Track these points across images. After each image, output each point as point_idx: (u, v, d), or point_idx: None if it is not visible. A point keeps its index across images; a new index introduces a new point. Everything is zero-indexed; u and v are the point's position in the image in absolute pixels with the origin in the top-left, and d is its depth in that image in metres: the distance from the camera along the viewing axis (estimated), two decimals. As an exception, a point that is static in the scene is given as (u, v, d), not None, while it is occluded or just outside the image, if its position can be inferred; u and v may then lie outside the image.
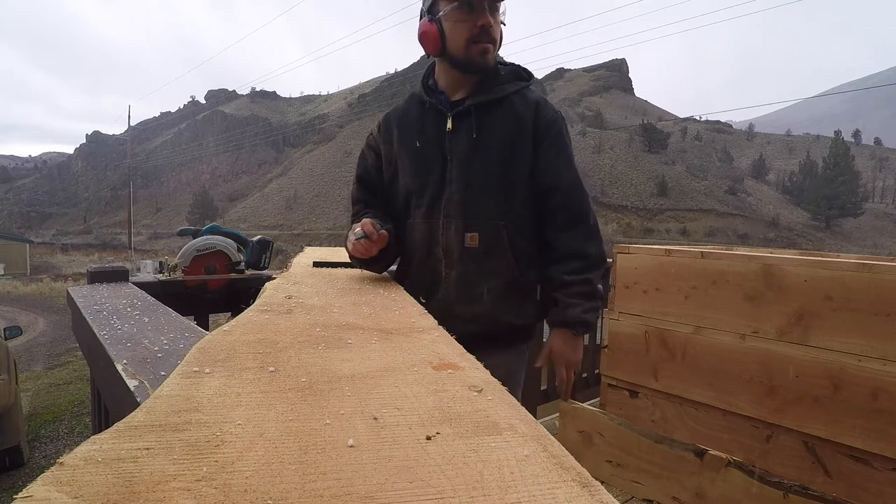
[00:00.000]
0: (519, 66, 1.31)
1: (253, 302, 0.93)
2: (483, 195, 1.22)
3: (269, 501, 0.36)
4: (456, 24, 1.19)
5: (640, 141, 74.80)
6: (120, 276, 1.70)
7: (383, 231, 1.19)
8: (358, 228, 1.19)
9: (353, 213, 1.38)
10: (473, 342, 0.80)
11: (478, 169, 1.21)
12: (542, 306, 1.31)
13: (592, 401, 2.71)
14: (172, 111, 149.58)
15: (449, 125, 1.24)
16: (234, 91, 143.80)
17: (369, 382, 0.58)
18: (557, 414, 2.12)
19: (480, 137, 1.22)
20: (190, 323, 1.12)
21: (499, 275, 1.23)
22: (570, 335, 1.25)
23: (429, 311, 1.02)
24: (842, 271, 1.56)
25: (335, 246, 2.03)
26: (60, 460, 0.39)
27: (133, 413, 0.47)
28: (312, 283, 1.11)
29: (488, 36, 1.18)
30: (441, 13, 1.19)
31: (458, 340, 0.83)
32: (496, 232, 1.22)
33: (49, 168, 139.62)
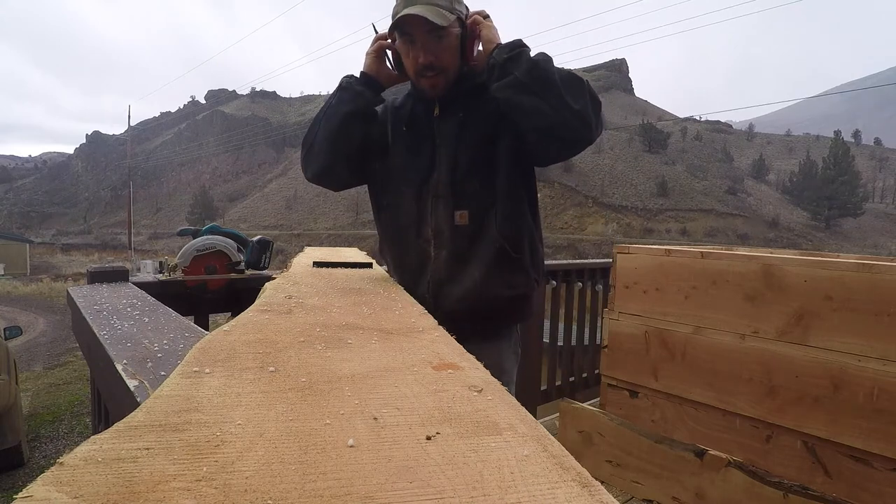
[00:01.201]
0: None
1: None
2: (471, 175, 1.25)
3: (269, 501, 0.36)
4: (405, 56, 1.25)
5: (640, 141, 74.81)
6: (120, 276, 1.70)
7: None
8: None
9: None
10: (464, 323, 0.79)
11: (465, 150, 1.25)
12: (536, 279, 1.32)
13: (592, 401, 2.71)
14: (172, 111, 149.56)
15: (436, 111, 1.28)
16: (234, 91, 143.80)
17: (369, 382, 0.58)
18: (557, 414, 2.13)
19: (467, 120, 1.26)
20: (190, 323, 1.12)
21: (489, 251, 1.24)
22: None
23: (418, 294, 1.02)
24: (842, 271, 1.56)
25: (335, 246, 2.02)
26: (60, 460, 0.39)
27: (133, 413, 0.47)
28: (312, 283, 1.11)
29: (433, 70, 1.22)
30: (396, 41, 1.26)
31: (449, 321, 0.82)
32: (486, 209, 1.24)
33: (49, 168, 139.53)
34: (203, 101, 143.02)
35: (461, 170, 1.25)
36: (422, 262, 1.28)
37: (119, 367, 0.78)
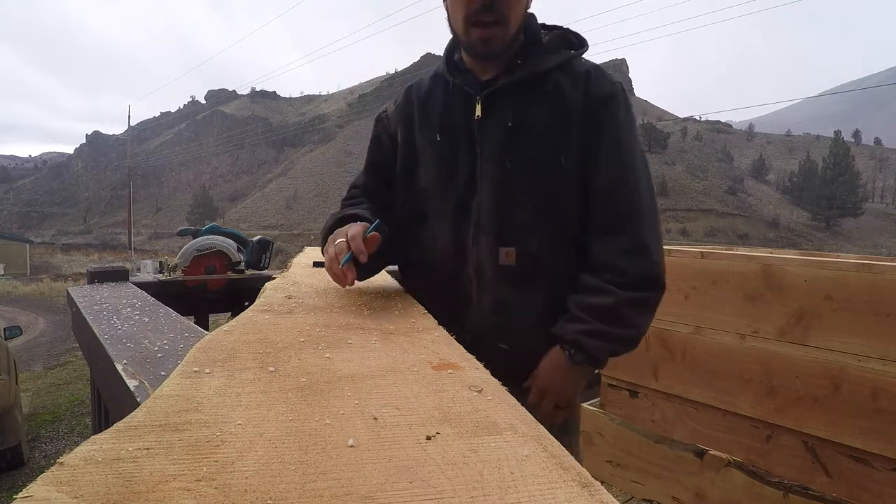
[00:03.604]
0: (568, 30, 1.05)
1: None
2: (521, 199, 0.97)
3: (269, 501, 0.36)
4: (455, 0, 0.96)
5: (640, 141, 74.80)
6: (120, 276, 1.70)
7: (373, 233, 0.90)
8: (341, 240, 0.90)
9: (346, 197, 1.15)
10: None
11: (514, 166, 0.97)
12: None
13: (592, 401, 2.71)
14: (172, 111, 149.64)
15: (478, 111, 0.99)
16: (234, 91, 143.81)
17: (369, 382, 0.58)
18: (557, 414, 2.12)
19: (517, 125, 0.97)
20: (190, 323, 1.12)
21: (541, 298, 1.00)
22: (563, 358, 0.96)
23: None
24: (842, 271, 1.56)
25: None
26: (60, 460, 0.39)
27: (133, 413, 0.47)
28: (312, 283, 1.11)
29: (491, 14, 0.91)
30: None
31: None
32: (537, 246, 0.98)
33: (49, 168, 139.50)
34: (203, 101, 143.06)
35: (508, 194, 0.97)
36: (462, 305, 1.02)
37: (119, 367, 0.78)
